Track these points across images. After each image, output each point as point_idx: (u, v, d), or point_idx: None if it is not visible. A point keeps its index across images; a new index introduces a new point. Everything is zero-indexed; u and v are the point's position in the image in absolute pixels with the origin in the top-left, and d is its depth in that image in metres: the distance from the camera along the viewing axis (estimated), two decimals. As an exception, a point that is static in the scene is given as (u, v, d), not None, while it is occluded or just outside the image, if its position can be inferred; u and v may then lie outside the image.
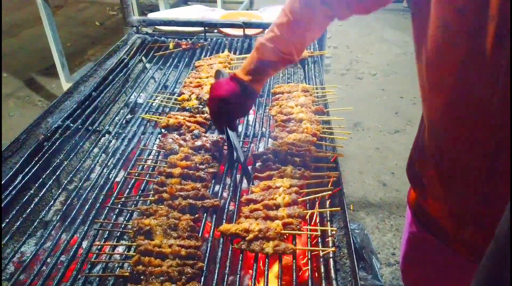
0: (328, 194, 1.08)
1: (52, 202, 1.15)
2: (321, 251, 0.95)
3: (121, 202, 1.11)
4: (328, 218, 1.05)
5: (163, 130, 1.39)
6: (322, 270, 0.91)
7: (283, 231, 0.96)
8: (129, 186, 1.18)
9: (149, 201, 1.10)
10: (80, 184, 1.20)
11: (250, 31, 2.14)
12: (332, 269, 0.91)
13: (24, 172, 1.21)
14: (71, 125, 1.45)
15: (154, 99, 1.62)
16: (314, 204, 1.09)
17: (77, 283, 0.90)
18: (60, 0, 5.98)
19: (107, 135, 1.45)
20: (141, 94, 1.74)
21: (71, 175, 1.24)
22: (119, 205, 1.10)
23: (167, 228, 0.97)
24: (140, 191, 1.16)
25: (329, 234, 1.00)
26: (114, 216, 1.09)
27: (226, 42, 2.08)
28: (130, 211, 1.08)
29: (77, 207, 1.11)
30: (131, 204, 1.12)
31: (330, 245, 0.97)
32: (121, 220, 1.07)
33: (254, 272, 0.92)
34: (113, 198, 1.13)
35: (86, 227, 1.04)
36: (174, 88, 1.72)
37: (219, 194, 1.16)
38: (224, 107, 1.13)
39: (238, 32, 2.15)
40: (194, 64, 1.86)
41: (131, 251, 0.96)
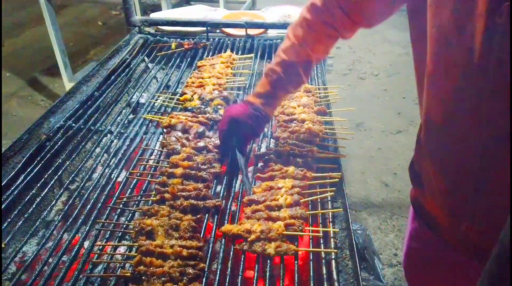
0: (330, 195, 1.08)
1: (54, 202, 1.16)
2: (323, 253, 0.95)
3: (123, 202, 1.11)
4: (331, 219, 1.04)
5: (165, 130, 1.39)
6: (324, 272, 0.91)
7: (285, 232, 0.95)
8: (131, 186, 1.18)
9: (151, 201, 1.09)
10: (82, 184, 1.20)
11: (253, 31, 2.14)
12: (334, 271, 0.90)
13: (26, 172, 1.21)
14: (73, 125, 1.45)
15: (156, 99, 1.61)
16: (316, 205, 1.09)
17: (79, 283, 0.90)
18: (63, 0, 5.99)
19: (109, 135, 1.45)
20: (143, 94, 1.74)
21: (73, 175, 1.24)
22: (121, 205, 1.10)
23: (169, 229, 0.97)
24: (142, 191, 1.16)
25: (331, 235, 0.99)
26: (116, 216, 1.08)
27: (229, 42, 2.07)
28: (132, 211, 1.08)
29: (79, 207, 1.11)
30: (133, 205, 1.11)
31: (332, 247, 0.97)
32: (123, 220, 1.07)
33: (256, 273, 0.91)
34: (115, 198, 1.13)
35: (88, 227, 1.04)
36: (176, 88, 1.72)
37: (221, 195, 1.16)
38: (235, 127, 1.14)
39: (241, 32, 2.15)
40: (196, 64, 1.85)
41: (133, 252, 0.96)
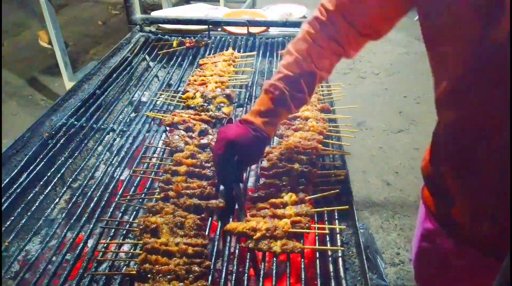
0: (336, 192, 1.07)
1: (57, 200, 1.14)
2: (330, 250, 0.94)
3: (127, 200, 1.10)
4: (336, 217, 1.04)
5: (168, 128, 1.38)
6: (331, 270, 0.90)
7: (291, 230, 0.95)
8: (135, 185, 1.17)
9: (155, 199, 1.09)
10: (85, 182, 1.19)
11: (254, 29, 2.14)
12: (341, 269, 0.90)
13: (29, 170, 1.21)
14: (76, 123, 1.44)
15: (158, 97, 1.61)
16: (321, 203, 1.08)
17: (84, 282, 0.89)
18: (63, -1, 5.99)
19: (112, 133, 1.44)
20: (145, 93, 1.73)
21: (76, 173, 1.24)
22: (124, 204, 1.09)
23: (174, 226, 0.96)
24: (146, 189, 1.15)
25: (337, 232, 0.99)
26: (120, 214, 1.08)
27: (230, 40, 2.07)
28: (136, 210, 1.07)
29: (82, 205, 1.10)
30: (137, 203, 1.11)
31: (339, 244, 0.96)
32: (127, 219, 1.06)
33: (262, 271, 0.91)
34: (119, 196, 1.12)
35: (92, 225, 1.03)
36: (178, 86, 1.71)
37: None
38: (232, 152, 1.00)
39: (242, 30, 2.14)
40: (198, 62, 1.85)
41: (137, 250, 0.95)
